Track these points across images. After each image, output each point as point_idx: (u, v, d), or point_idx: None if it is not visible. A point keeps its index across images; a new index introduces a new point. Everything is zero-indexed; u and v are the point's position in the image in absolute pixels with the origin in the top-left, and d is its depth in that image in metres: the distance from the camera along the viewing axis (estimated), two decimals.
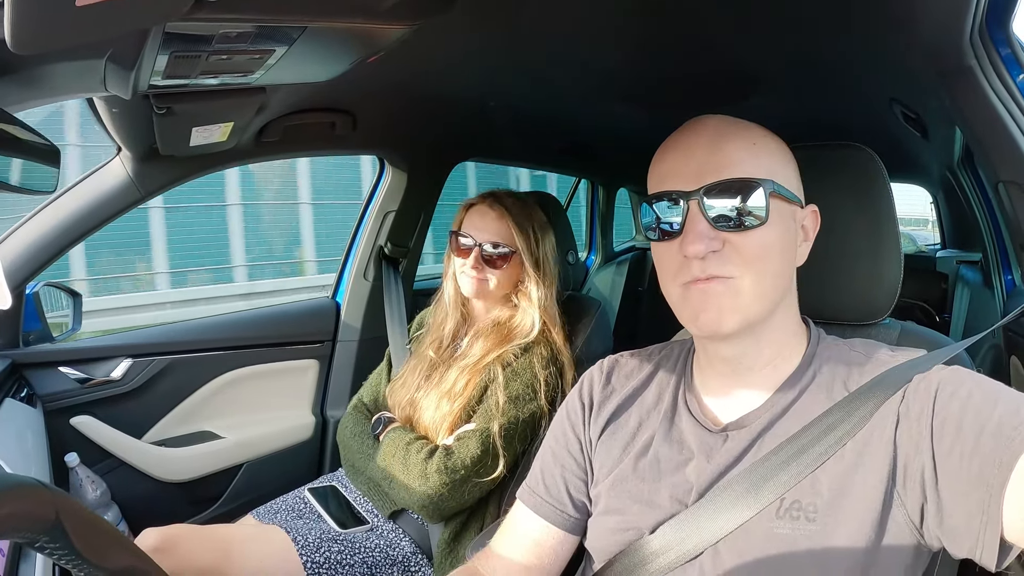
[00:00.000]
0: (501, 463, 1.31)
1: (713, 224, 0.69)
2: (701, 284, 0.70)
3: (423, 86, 1.41)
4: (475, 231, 1.46)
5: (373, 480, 1.44)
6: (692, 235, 0.69)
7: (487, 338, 1.45)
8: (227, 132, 1.29)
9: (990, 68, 0.96)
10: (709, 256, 0.69)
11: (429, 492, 1.28)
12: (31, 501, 0.48)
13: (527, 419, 1.34)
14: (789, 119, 1.73)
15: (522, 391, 1.35)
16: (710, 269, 0.69)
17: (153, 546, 1.19)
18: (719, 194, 0.69)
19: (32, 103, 0.83)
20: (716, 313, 0.70)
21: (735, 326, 0.70)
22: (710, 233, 0.69)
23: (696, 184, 0.70)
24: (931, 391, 0.64)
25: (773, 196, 0.69)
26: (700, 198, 0.69)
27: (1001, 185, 1.04)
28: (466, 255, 1.45)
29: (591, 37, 1.13)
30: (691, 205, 0.70)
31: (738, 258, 0.69)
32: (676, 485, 0.75)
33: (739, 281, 0.69)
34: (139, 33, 0.66)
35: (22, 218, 1.44)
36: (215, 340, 1.87)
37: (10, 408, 1.34)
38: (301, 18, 0.72)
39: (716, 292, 0.69)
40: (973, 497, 0.57)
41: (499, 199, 1.48)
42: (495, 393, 1.34)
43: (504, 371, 1.36)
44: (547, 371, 1.38)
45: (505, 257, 1.44)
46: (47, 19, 0.47)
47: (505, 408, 1.32)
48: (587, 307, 1.59)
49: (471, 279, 1.45)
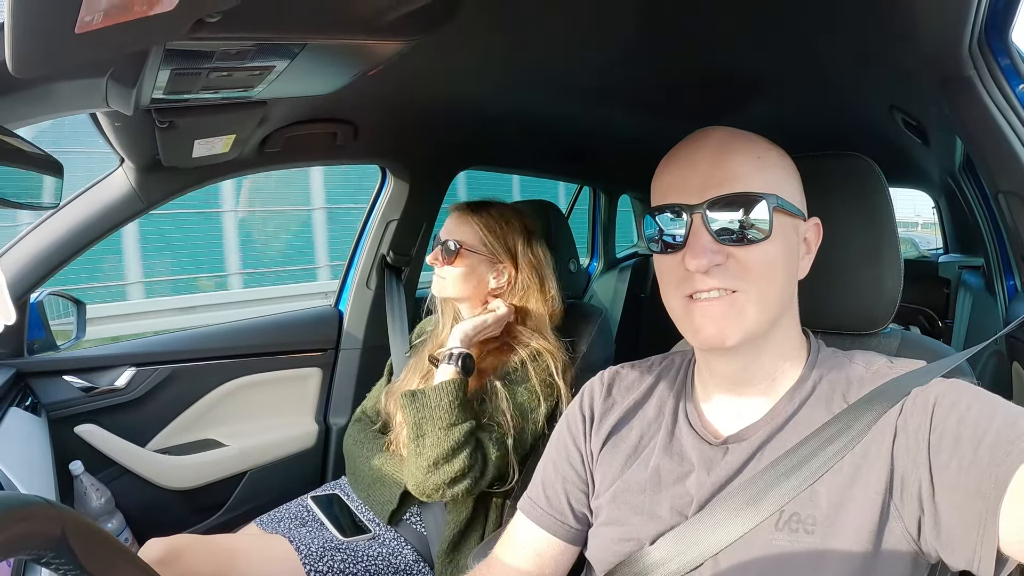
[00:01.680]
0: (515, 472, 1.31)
1: (716, 238, 0.69)
2: (704, 298, 0.70)
3: (424, 96, 1.41)
4: (443, 232, 1.52)
5: (375, 476, 1.44)
6: (695, 248, 0.69)
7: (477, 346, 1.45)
8: (229, 144, 1.29)
9: (989, 78, 0.96)
10: (712, 270, 0.69)
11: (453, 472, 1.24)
12: (37, 519, 0.49)
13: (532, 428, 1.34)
14: (791, 125, 1.73)
15: (525, 398, 1.35)
16: (713, 283, 0.69)
17: (158, 556, 1.19)
18: (723, 208, 0.69)
19: (35, 119, 0.84)
20: (718, 327, 0.70)
21: (737, 340, 0.70)
22: (713, 247, 0.69)
23: (700, 198, 0.70)
24: (929, 404, 0.64)
25: (776, 211, 0.70)
26: (704, 212, 0.69)
27: (1001, 195, 1.04)
28: (434, 257, 1.50)
29: (591, 46, 1.14)
30: (694, 218, 0.70)
31: (741, 272, 0.69)
32: (676, 497, 0.75)
33: (742, 295, 0.69)
34: (140, 51, 0.67)
35: (27, 227, 1.45)
36: (218, 349, 1.88)
37: (15, 417, 1.35)
38: (301, 36, 0.73)
39: (718, 306, 0.70)
40: (970, 510, 0.57)
41: (470, 204, 1.53)
42: (497, 407, 1.33)
43: (503, 383, 1.36)
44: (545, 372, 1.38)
45: (455, 252, 1.46)
46: (47, 43, 0.47)
47: (512, 415, 1.32)
48: (589, 315, 1.58)
49: (436, 276, 1.50)
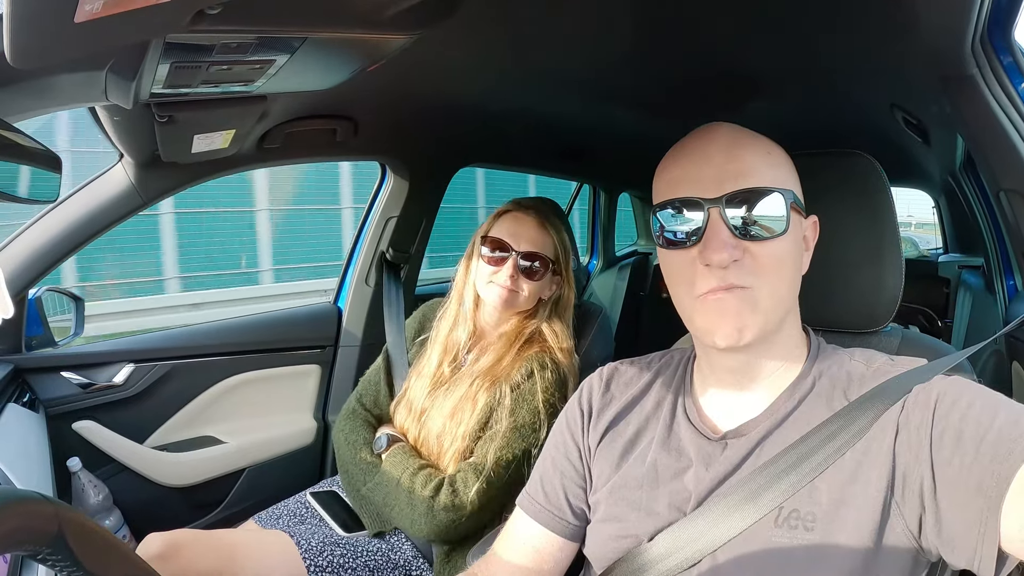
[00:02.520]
0: (502, 492, 1.29)
1: (735, 232, 0.68)
2: (720, 294, 0.69)
3: (424, 92, 1.41)
4: (511, 239, 1.39)
5: (368, 500, 1.40)
6: (715, 243, 0.68)
7: (493, 352, 1.41)
8: (229, 139, 1.29)
9: (991, 76, 0.95)
10: (731, 265, 0.68)
11: (437, 529, 1.27)
12: (34, 515, 0.49)
13: (529, 447, 1.31)
14: (791, 123, 1.72)
15: (527, 420, 1.31)
16: (730, 278, 0.68)
17: (157, 552, 1.19)
18: (741, 203, 0.68)
19: (34, 113, 0.84)
20: (735, 324, 0.69)
21: (752, 337, 0.69)
22: (732, 241, 0.68)
23: (717, 191, 0.69)
24: (931, 401, 0.64)
25: (791, 207, 0.70)
26: (722, 206, 0.68)
27: (1002, 193, 1.04)
28: (499, 264, 1.38)
29: (591, 43, 1.14)
30: (712, 212, 0.69)
31: (756, 268, 0.69)
32: (674, 493, 0.75)
33: (756, 291, 0.69)
34: (140, 44, 0.67)
35: (24, 223, 1.45)
36: (217, 345, 1.87)
37: (13, 413, 1.35)
38: (302, 29, 0.72)
39: (734, 302, 0.69)
40: (972, 508, 0.57)
41: (536, 208, 1.43)
42: (500, 420, 1.31)
43: (511, 395, 1.33)
44: (553, 396, 1.34)
45: (543, 268, 1.39)
46: (46, 34, 0.47)
47: (509, 438, 1.30)
48: (589, 314, 1.58)
49: (502, 289, 1.37)
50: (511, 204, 1.46)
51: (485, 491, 1.27)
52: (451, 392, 1.40)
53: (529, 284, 1.39)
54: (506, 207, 1.46)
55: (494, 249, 1.40)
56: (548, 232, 1.40)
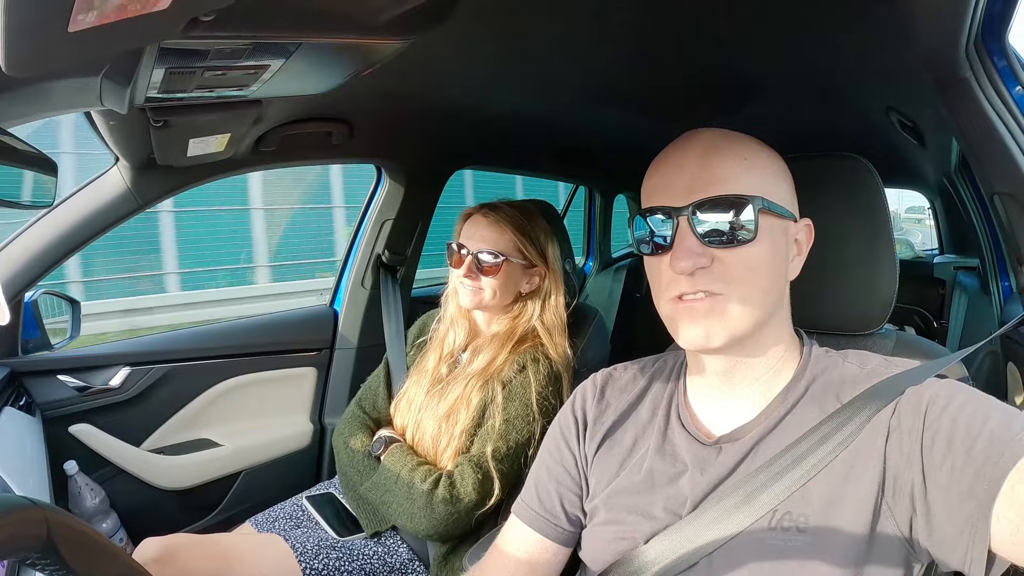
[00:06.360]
0: (498, 486, 1.30)
1: (702, 240, 0.69)
2: (689, 300, 0.70)
3: (419, 95, 1.41)
4: (469, 240, 1.45)
5: (366, 500, 1.42)
6: (680, 251, 0.69)
7: (487, 352, 1.43)
8: (224, 143, 1.29)
9: (986, 80, 0.95)
10: (698, 272, 0.69)
11: (435, 523, 1.28)
12: (22, 521, 0.48)
13: (524, 441, 1.33)
14: (786, 126, 1.73)
15: (520, 412, 1.33)
16: (699, 285, 0.69)
17: (153, 556, 1.19)
18: (708, 210, 0.69)
19: (29, 118, 0.83)
20: (703, 329, 0.70)
21: (722, 342, 0.70)
22: (698, 249, 0.69)
23: (686, 200, 0.70)
24: (923, 404, 0.65)
25: (763, 212, 0.69)
26: (690, 214, 0.69)
27: (997, 197, 1.04)
28: (459, 264, 1.45)
29: (586, 46, 1.14)
30: (680, 221, 0.70)
31: (726, 274, 0.69)
32: (670, 497, 0.75)
33: (726, 298, 0.69)
34: (135, 50, 0.67)
35: (21, 226, 1.44)
36: (213, 348, 1.87)
37: (9, 416, 1.34)
38: (296, 35, 0.73)
39: (703, 308, 0.70)
40: (962, 511, 0.57)
41: (494, 207, 1.47)
42: (493, 415, 1.33)
43: (503, 391, 1.35)
44: (546, 389, 1.36)
45: (498, 264, 1.43)
46: (40, 43, 0.47)
47: (502, 431, 1.31)
48: (585, 315, 1.58)
49: (467, 288, 1.44)
50: (470, 208, 1.52)
51: (482, 483, 1.29)
52: (447, 393, 1.41)
53: (489, 280, 1.43)
54: (466, 211, 1.52)
55: (455, 251, 1.47)
56: (504, 229, 1.44)
